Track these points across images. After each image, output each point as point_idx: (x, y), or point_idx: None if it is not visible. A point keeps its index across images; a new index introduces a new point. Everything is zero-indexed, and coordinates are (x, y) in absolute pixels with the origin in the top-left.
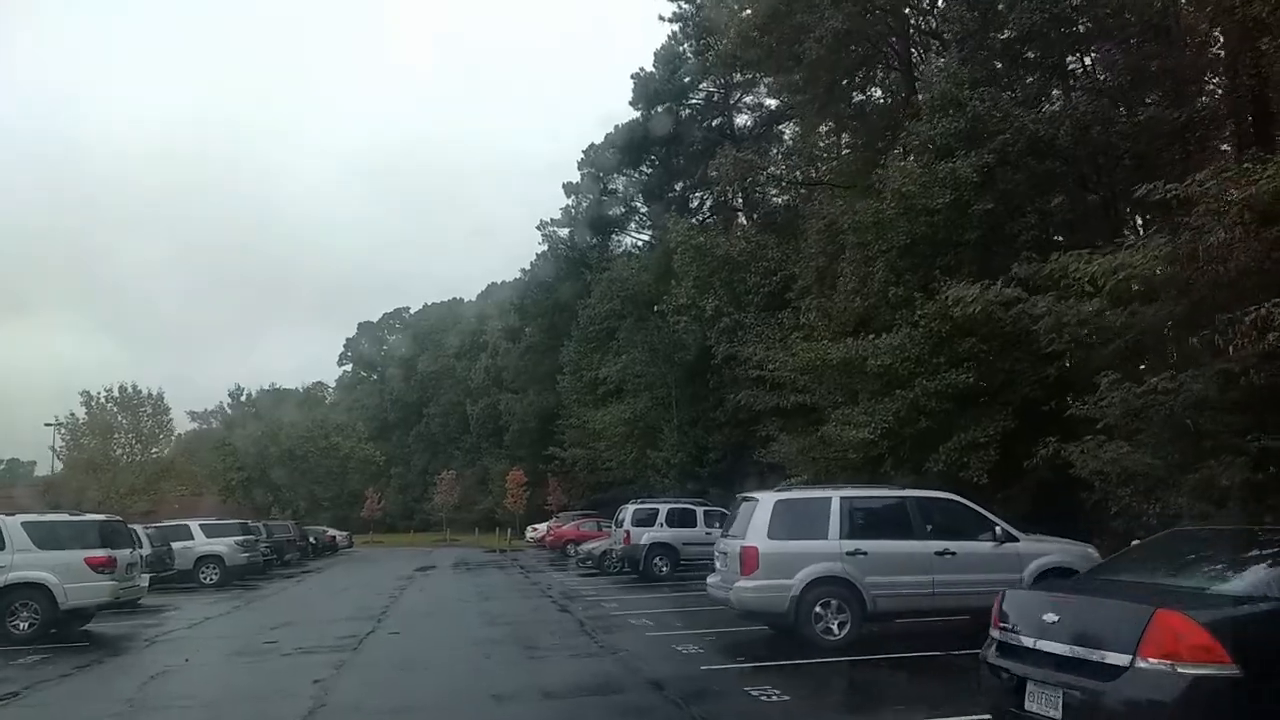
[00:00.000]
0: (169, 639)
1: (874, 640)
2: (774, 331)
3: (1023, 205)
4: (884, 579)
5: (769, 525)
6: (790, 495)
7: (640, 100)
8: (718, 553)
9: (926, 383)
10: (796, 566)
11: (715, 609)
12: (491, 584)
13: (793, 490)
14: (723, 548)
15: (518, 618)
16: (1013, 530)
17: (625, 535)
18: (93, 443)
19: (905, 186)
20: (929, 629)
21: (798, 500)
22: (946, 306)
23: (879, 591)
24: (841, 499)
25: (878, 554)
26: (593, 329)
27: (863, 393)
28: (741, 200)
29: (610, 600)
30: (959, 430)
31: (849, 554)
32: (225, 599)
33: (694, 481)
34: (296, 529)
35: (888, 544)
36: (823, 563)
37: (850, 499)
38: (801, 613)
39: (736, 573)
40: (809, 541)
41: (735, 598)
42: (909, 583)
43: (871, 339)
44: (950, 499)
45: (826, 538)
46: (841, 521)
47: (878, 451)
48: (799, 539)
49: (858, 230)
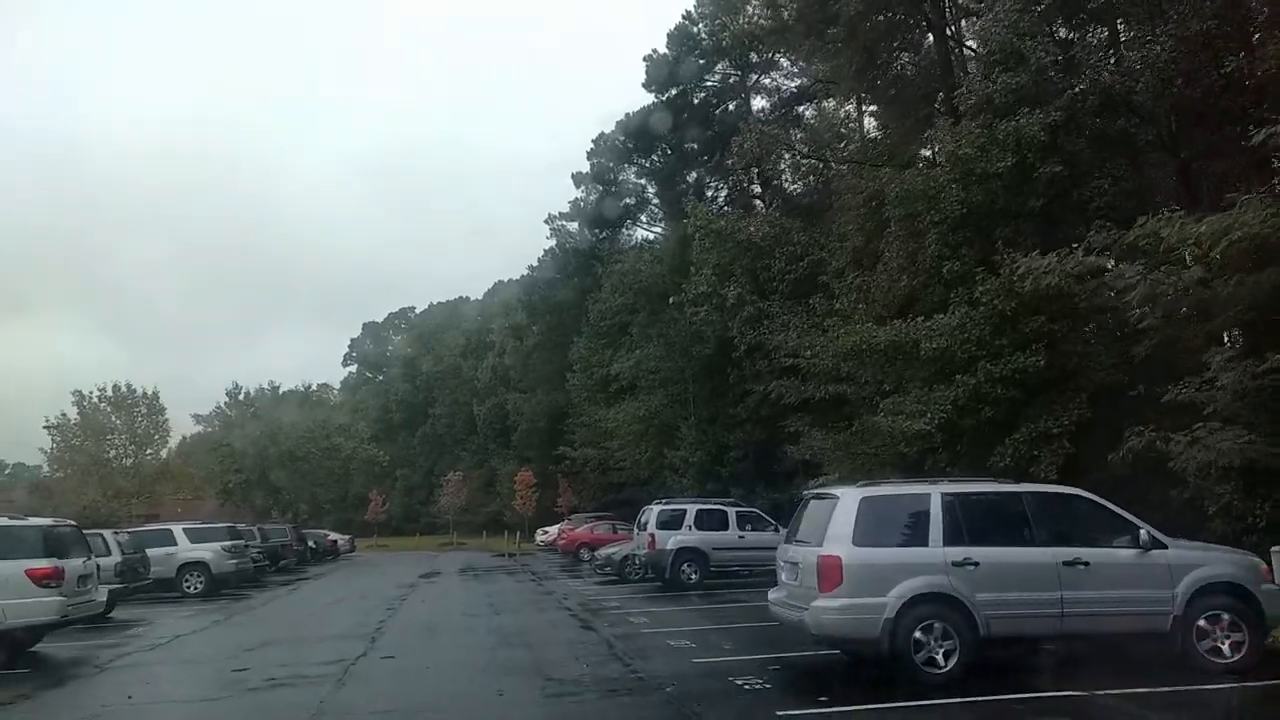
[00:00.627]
0: (124, 665)
1: (988, 672)
2: (803, 319)
3: (1090, 170)
4: (999, 596)
5: (854, 529)
6: (879, 491)
7: (653, 83)
8: (782, 562)
9: (990, 367)
10: (891, 581)
11: (763, 625)
12: (501, 593)
13: (881, 485)
14: (790, 556)
15: (534, 636)
16: (1158, 534)
17: (649, 539)
18: (85, 444)
19: (962, 149)
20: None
21: (889, 497)
22: (1013, 281)
23: (993, 611)
24: (943, 495)
25: (991, 564)
26: (603, 324)
27: (913, 380)
28: (760, 188)
29: (637, 614)
30: (1027, 420)
31: (956, 564)
32: (207, 611)
33: (714, 481)
34: (294, 533)
35: (1003, 552)
36: (923, 576)
37: (954, 496)
38: (898, 639)
39: (812, 588)
40: (905, 549)
41: (812, 619)
42: (1031, 600)
43: (920, 321)
44: (1078, 495)
45: (927, 544)
46: (945, 523)
47: (932, 445)
48: (892, 545)
49: (906, 200)
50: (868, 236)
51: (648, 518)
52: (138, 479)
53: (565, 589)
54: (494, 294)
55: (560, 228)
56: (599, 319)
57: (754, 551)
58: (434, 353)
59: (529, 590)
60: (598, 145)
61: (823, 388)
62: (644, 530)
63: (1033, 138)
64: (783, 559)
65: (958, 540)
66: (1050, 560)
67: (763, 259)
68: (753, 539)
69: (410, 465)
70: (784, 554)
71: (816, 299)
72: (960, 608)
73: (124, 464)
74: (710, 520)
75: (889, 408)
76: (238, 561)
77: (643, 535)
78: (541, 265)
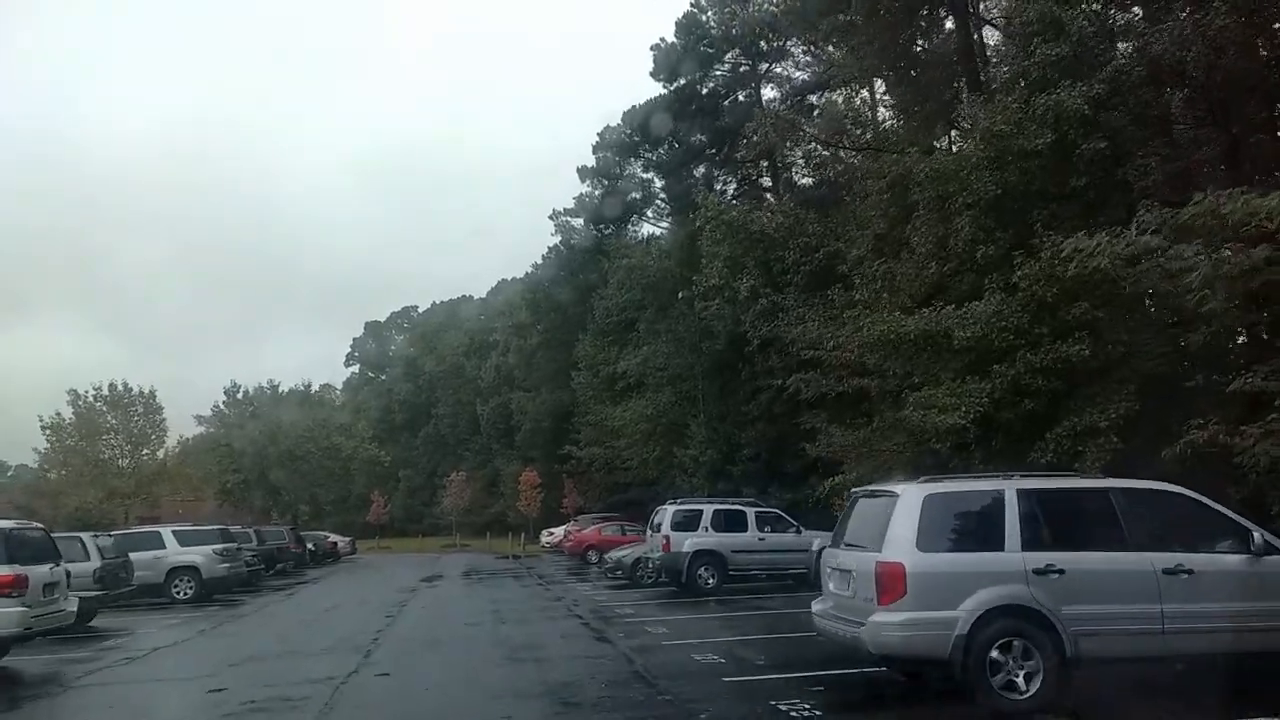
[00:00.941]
0: (91, 683)
1: (1078, 698)
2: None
3: (1133, 148)
4: (1089, 609)
5: (917, 531)
6: (945, 487)
7: (661, 72)
8: (829, 569)
9: (1030, 356)
10: (963, 591)
11: (795, 637)
12: (507, 599)
13: (945, 480)
14: (840, 563)
15: (544, 650)
16: (1273, 538)
17: (664, 541)
18: (80, 444)
19: (996, 126)
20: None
21: (957, 494)
22: (1054, 265)
23: (1082, 627)
24: (1019, 492)
25: (1079, 572)
26: (610, 321)
27: (944, 371)
28: (770, 180)
29: (655, 623)
30: (1070, 413)
31: (1037, 572)
32: (194, 619)
33: (725, 481)
34: (292, 535)
35: (1092, 558)
36: (1000, 585)
37: (1032, 492)
38: (972, 659)
39: (869, 600)
40: (977, 554)
41: (871, 636)
42: (1126, 615)
43: (951, 309)
44: (1174, 491)
45: (1003, 548)
46: (1022, 524)
47: (964, 440)
48: (963, 550)
49: (936, 181)
50: (891, 223)
51: (662, 518)
52: (134, 479)
53: (574, 594)
54: (497, 292)
55: (565, 224)
56: (605, 316)
57: (775, 554)
58: (436, 352)
59: (536, 596)
60: (603, 139)
61: (845, 381)
62: (658, 532)
63: (1074, 112)
64: (829, 566)
65: (1037, 544)
66: (1148, 568)
67: (776, 251)
68: (773, 541)
69: (413, 466)
70: (831, 560)
71: (835, 290)
72: (1043, 623)
73: (120, 464)
74: (728, 521)
75: (919, 401)
76: (230, 565)
77: (657, 537)
78: (545, 262)
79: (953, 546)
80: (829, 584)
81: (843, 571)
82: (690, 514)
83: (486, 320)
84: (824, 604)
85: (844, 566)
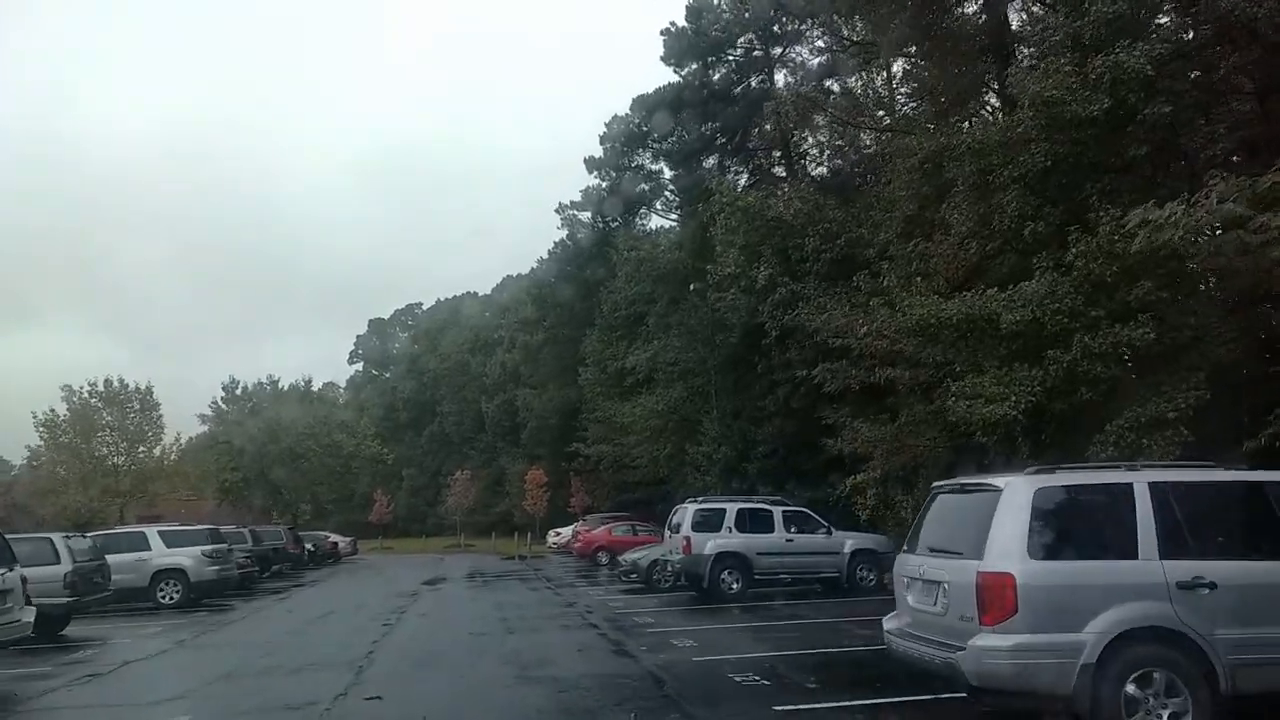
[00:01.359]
0: (42, 707)
1: None
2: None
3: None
4: (1249, 634)
5: (1028, 534)
6: (1059, 479)
7: (672, 57)
8: (905, 579)
9: (1088, 341)
10: (1088, 609)
11: (845, 652)
12: (515, 604)
13: (1058, 471)
14: (922, 572)
15: (559, 667)
16: None
17: (684, 542)
18: (74, 441)
19: (1048, 91)
20: None
21: (1075, 489)
22: (1113, 241)
23: (1241, 656)
24: (1152, 485)
25: (1235, 586)
26: (618, 315)
27: (988, 359)
28: (785, 170)
29: (680, 634)
30: (1133, 403)
31: (1182, 586)
32: (177, 627)
33: (740, 479)
34: (290, 535)
35: (1251, 569)
36: (1136, 602)
37: (1168, 486)
38: (1102, 695)
39: (967, 619)
40: (1106, 563)
41: (973, 664)
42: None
43: (995, 292)
44: None
45: (1135, 555)
46: (1159, 526)
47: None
48: (1086, 558)
49: (979, 154)
50: (922, 203)
51: (681, 518)
52: (130, 478)
53: (587, 599)
54: (502, 289)
55: (571, 217)
56: (613, 310)
57: (803, 557)
58: (440, 350)
59: (545, 601)
60: (610, 129)
61: (876, 372)
62: (677, 532)
63: (1136, 73)
64: (906, 575)
65: (1179, 550)
66: None
67: (794, 238)
68: (801, 542)
69: (417, 465)
70: (908, 568)
71: (861, 276)
72: (1192, 650)
73: (116, 462)
74: (753, 521)
75: (961, 391)
76: (220, 568)
77: (676, 538)
78: (551, 257)
79: (1072, 553)
80: (906, 596)
81: (927, 583)
82: (712, 513)
83: (491, 317)
84: (899, 620)
85: (929, 576)
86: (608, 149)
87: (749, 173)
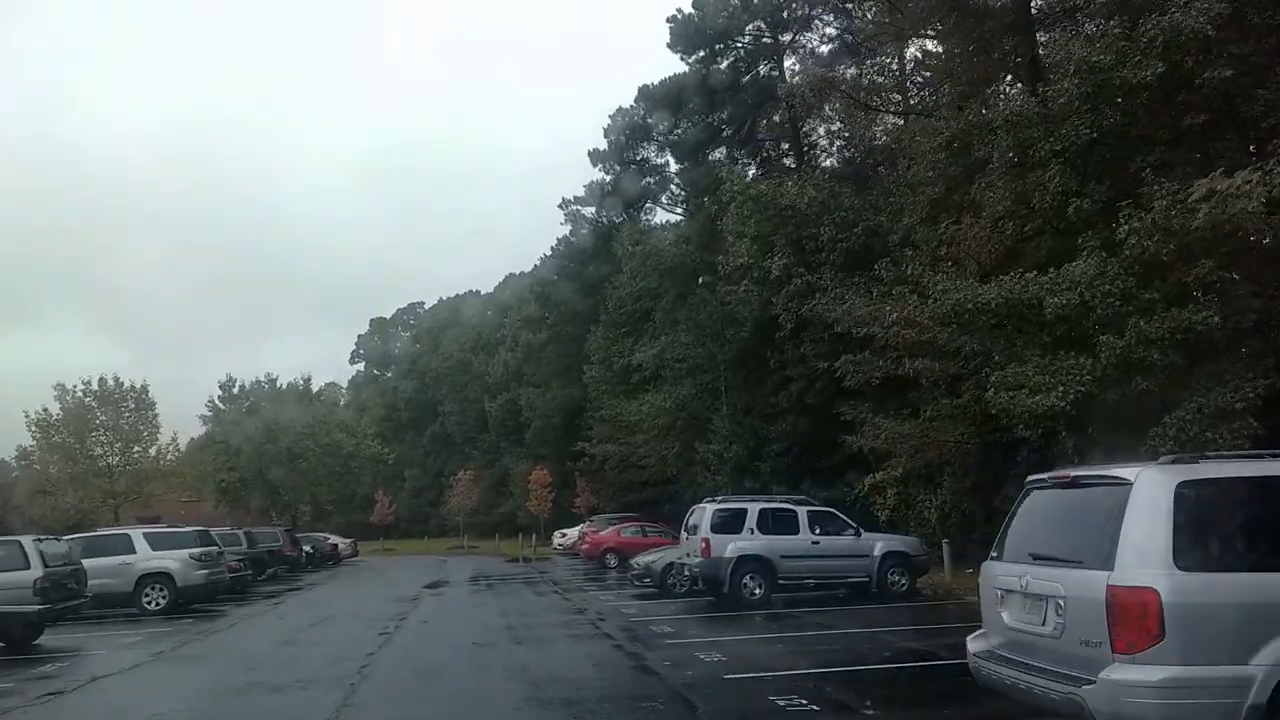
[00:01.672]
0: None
1: None
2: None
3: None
4: None
5: (1172, 538)
6: (1204, 471)
7: (678, 44)
8: (997, 592)
9: (1144, 325)
10: (1256, 634)
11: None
12: (521, 611)
13: (1201, 461)
14: (1028, 584)
15: (573, 685)
16: None
17: (703, 544)
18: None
19: (1095, 57)
20: None
21: (1228, 483)
22: (1170, 217)
23: None
24: None
25: None
26: (623, 311)
27: (1030, 347)
28: (795, 161)
29: (704, 646)
30: (1193, 393)
31: None
32: (159, 636)
33: (752, 478)
34: (287, 536)
35: None
36: None
37: None
38: None
39: (1094, 643)
40: (1268, 575)
41: (1108, 702)
42: None
43: (1034, 276)
44: None
45: None
46: None
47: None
48: (1249, 569)
49: (1017, 128)
50: (949, 185)
51: (699, 519)
52: (125, 478)
53: (598, 605)
54: (505, 287)
55: (575, 213)
56: (618, 305)
57: (830, 560)
58: (442, 349)
59: (554, 607)
60: (615, 121)
61: (905, 363)
62: (694, 534)
63: (1194, 34)
64: (997, 586)
65: None
66: None
67: (809, 227)
68: (828, 545)
69: (419, 465)
70: (1000, 579)
71: (883, 264)
72: None
73: (110, 462)
74: (776, 522)
75: (1003, 381)
76: (209, 571)
77: (693, 540)
78: (555, 254)
79: (1231, 563)
80: (1000, 614)
81: (1031, 597)
82: (733, 513)
83: (494, 315)
84: (988, 642)
85: (1034, 590)
86: (612, 142)
87: (757, 165)
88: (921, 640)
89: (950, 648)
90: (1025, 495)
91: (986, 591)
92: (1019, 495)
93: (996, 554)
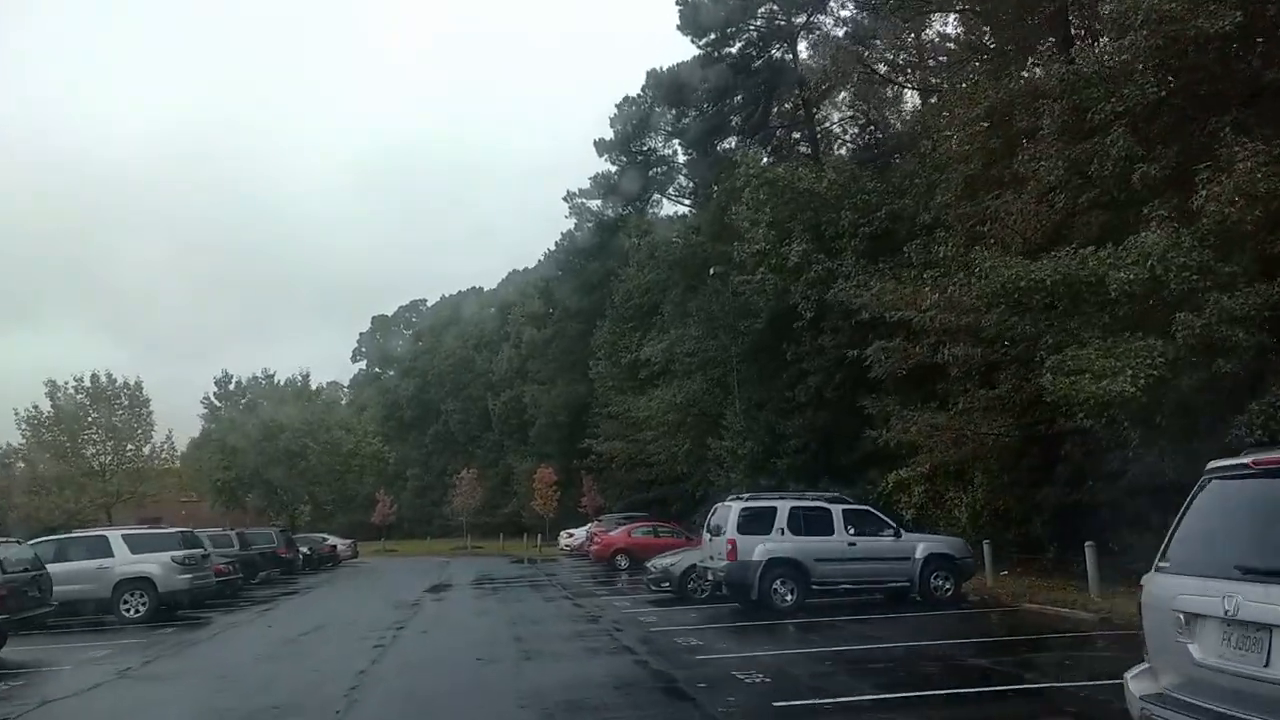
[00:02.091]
0: None
1: None
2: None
3: None
4: None
5: None
6: None
7: (689, 26)
8: (1178, 615)
9: (1227, 301)
10: None
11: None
12: (530, 619)
13: None
14: (1239, 608)
15: (594, 716)
16: None
17: (729, 546)
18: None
19: (1166, 5)
20: None
21: None
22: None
23: None
24: None
25: None
26: (631, 305)
27: (1089, 328)
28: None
29: (740, 663)
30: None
31: None
32: (131, 649)
33: (768, 476)
34: (282, 538)
35: None
36: None
37: None
38: None
39: None
40: None
41: None
42: None
43: (1093, 252)
44: None
45: None
46: None
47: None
48: None
49: (1075, 88)
50: (988, 158)
51: (723, 518)
52: (118, 478)
53: (612, 612)
54: (508, 284)
55: (580, 205)
56: (625, 299)
57: (867, 564)
58: (444, 347)
59: (565, 615)
60: (622, 110)
61: (943, 350)
62: (718, 535)
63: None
64: (1184, 608)
65: None
66: None
67: (828, 212)
68: (865, 547)
69: (421, 464)
70: (1184, 598)
71: (912, 247)
72: None
73: (102, 461)
74: (809, 521)
75: (1060, 365)
76: (194, 576)
77: (718, 541)
78: (559, 248)
79: None
80: (1187, 645)
81: (1244, 626)
82: (761, 512)
83: (499, 311)
84: (1162, 680)
85: (1250, 616)
86: (618, 132)
87: (769, 154)
88: (988, 657)
89: (1026, 666)
90: (1202, 487)
91: (1157, 614)
92: (1194, 487)
93: (1170, 565)
